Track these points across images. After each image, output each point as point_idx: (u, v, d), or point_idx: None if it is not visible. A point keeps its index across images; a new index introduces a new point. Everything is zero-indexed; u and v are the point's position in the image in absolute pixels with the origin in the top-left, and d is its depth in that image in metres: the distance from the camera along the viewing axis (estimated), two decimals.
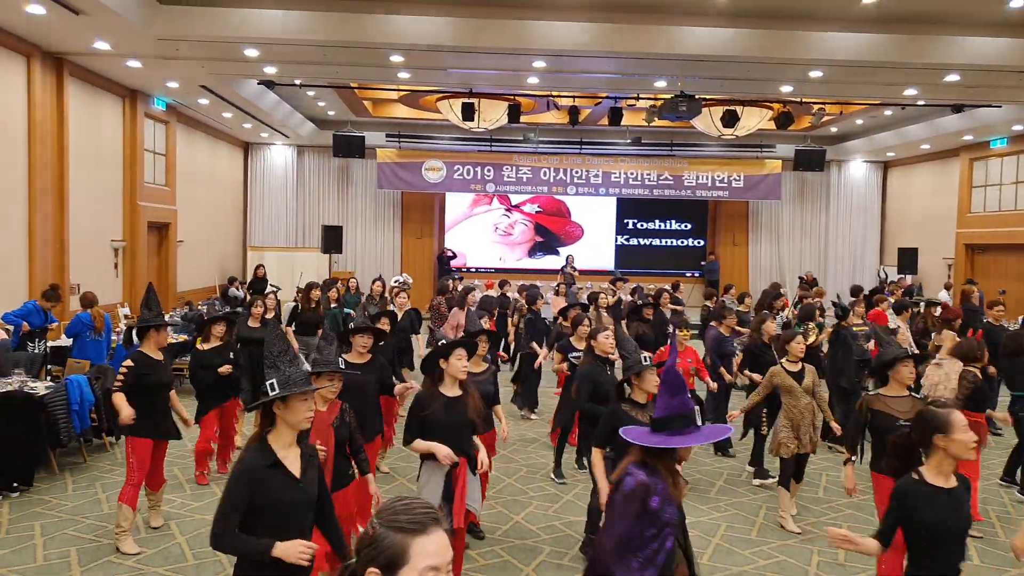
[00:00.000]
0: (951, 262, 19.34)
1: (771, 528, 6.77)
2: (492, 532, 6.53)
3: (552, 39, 11.20)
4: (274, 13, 10.76)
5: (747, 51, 11.41)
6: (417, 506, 1.85)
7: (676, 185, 21.74)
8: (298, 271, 18.82)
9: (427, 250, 22.50)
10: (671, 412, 3.44)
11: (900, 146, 19.84)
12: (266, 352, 3.46)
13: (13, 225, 11.26)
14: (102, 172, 13.76)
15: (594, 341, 6.81)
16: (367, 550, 1.82)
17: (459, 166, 21.42)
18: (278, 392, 3.30)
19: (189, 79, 13.78)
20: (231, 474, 3.34)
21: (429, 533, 1.81)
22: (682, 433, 3.41)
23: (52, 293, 10.08)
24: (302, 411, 3.36)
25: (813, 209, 22.97)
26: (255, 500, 3.25)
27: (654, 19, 11.17)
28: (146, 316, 6.30)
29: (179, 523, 6.62)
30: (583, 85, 14.75)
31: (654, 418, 3.50)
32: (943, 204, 19.91)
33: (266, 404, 3.38)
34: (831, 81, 13.20)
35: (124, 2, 9.74)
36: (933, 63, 11.72)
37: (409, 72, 13.32)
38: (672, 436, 3.40)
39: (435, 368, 5.00)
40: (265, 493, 3.26)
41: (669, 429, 3.43)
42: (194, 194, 17.83)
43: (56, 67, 12.08)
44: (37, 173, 11.61)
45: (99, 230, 13.67)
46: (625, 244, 23.32)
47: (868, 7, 10.59)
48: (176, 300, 16.24)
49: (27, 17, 10.05)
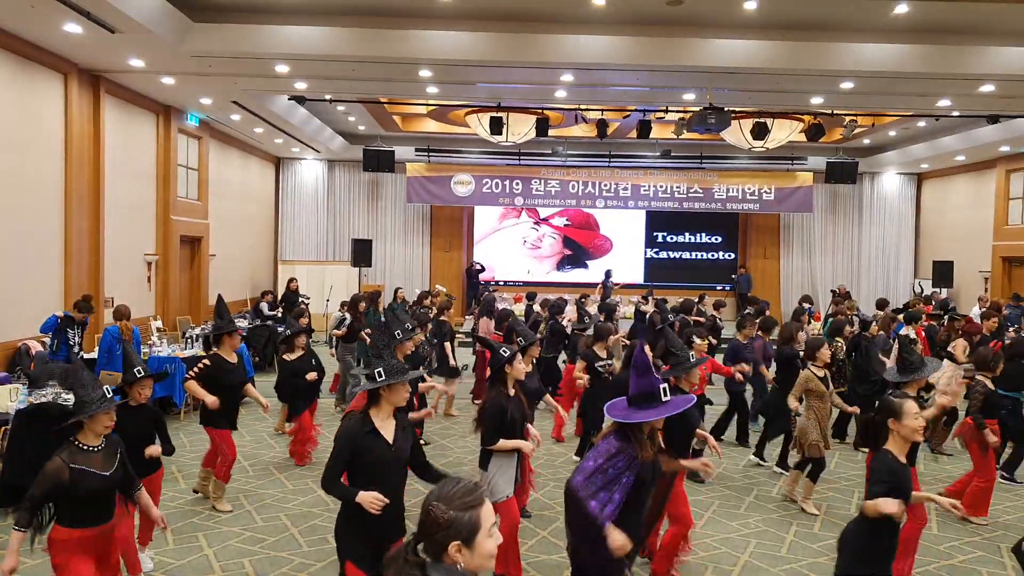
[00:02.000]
0: (987, 275, 19.01)
1: (801, 546, 6.68)
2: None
3: (580, 52, 11.20)
4: (304, 29, 10.89)
5: (777, 63, 11.33)
6: (469, 486, 2.33)
7: (706, 198, 21.62)
8: (328, 284, 18.96)
9: (456, 263, 22.56)
10: (641, 390, 4.08)
11: (934, 157, 19.57)
12: (373, 345, 4.38)
13: (49, 239, 11.46)
14: (136, 187, 13.98)
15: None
16: (443, 532, 2.26)
17: (488, 180, 21.48)
18: (385, 379, 4.12)
19: (221, 95, 13.97)
20: (337, 436, 4.19)
21: (486, 502, 2.33)
22: (648, 408, 4.03)
23: (84, 304, 10.24)
24: (402, 393, 4.22)
25: (845, 222, 22.72)
26: (355, 458, 4.10)
27: (682, 32, 11.14)
28: (219, 324, 7.24)
29: (206, 535, 6.66)
30: (612, 98, 14.73)
31: (628, 396, 4.12)
32: (979, 216, 19.60)
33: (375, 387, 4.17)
34: (863, 92, 13.07)
35: (158, 20, 9.91)
36: (967, 73, 11.56)
37: (438, 87, 13.40)
38: (640, 411, 4.03)
39: (501, 373, 5.56)
40: (362, 453, 4.09)
41: (638, 405, 4.06)
42: (226, 208, 18.05)
43: (92, 84, 12.31)
44: (73, 188, 11.82)
45: (133, 244, 13.87)
46: (655, 257, 23.21)
47: (899, 17, 10.48)
48: (208, 314, 16.40)
49: (64, 36, 10.26)
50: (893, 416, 4.23)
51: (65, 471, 4.15)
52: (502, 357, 5.54)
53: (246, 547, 6.40)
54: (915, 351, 5.97)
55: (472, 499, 2.30)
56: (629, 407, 4.08)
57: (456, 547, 2.26)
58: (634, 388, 4.09)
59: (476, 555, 2.29)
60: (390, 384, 4.15)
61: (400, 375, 4.17)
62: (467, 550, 2.28)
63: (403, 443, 4.24)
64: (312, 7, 10.72)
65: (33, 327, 10.58)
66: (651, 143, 19.30)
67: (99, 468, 4.29)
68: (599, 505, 3.89)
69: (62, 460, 4.18)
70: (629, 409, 4.06)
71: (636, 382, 4.08)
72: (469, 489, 2.32)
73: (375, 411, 4.20)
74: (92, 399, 4.25)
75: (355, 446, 4.09)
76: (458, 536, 2.26)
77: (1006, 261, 18.62)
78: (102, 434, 4.37)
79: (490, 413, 5.37)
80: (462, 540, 2.26)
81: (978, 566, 6.31)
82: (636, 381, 4.08)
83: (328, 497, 7.69)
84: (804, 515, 7.46)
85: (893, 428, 4.23)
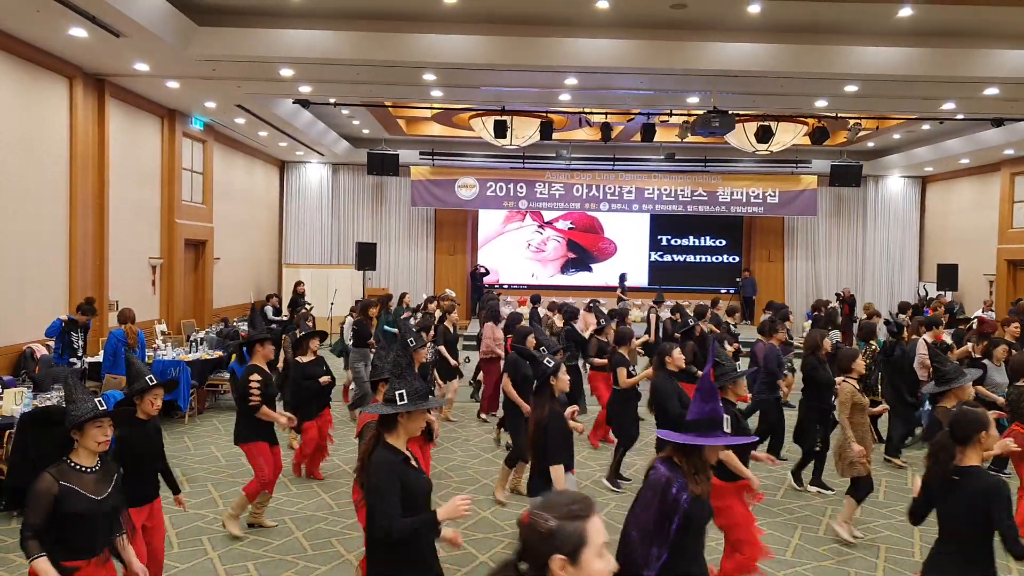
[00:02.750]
0: (992, 278, 18.97)
1: (806, 549, 6.65)
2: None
3: (584, 56, 11.21)
4: (308, 33, 10.91)
5: (781, 66, 11.33)
6: (577, 497, 2.10)
7: (710, 201, 21.62)
8: (332, 288, 18.98)
9: (460, 267, 22.57)
10: (701, 416, 3.71)
11: (939, 161, 19.54)
12: (395, 365, 3.86)
13: (54, 242, 11.49)
14: (141, 190, 14.01)
15: (668, 358, 7.11)
16: (545, 543, 2.01)
17: (492, 183, 21.50)
18: (407, 404, 3.67)
19: (226, 99, 14.01)
20: (378, 472, 3.60)
21: (595, 516, 2.07)
22: (708, 436, 3.67)
23: (87, 307, 10.27)
24: (420, 422, 3.76)
25: (850, 225, 22.70)
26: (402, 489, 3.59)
27: (686, 35, 11.14)
28: (252, 334, 7.16)
29: (211, 538, 6.66)
30: (615, 101, 14.74)
31: (686, 420, 3.76)
32: (984, 219, 19.56)
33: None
34: (867, 95, 13.06)
35: (163, 24, 9.94)
36: (971, 76, 11.54)
37: (442, 90, 13.41)
38: (699, 437, 3.67)
39: (547, 386, 5.31)
40: (407, 484, 3.60)
41: (697, 431, 3.69)
42: (230, 212, 18.08)
43: (97, 88, 12.34)
44: (78, 191, 11.85)
45: (137, 247, 13.90)
46: (659, 261, 23.20)
47: (903, 20, 10.46)
48: (212, 317, 16.43)
49: (69, 40, 10.29)
50: (983, 428, 3.91)
51: (55, 486, 3.73)
52: (547, 368, 5.32)
53: (250, 551, 6.40)
54: (948, 359, 5.74)
55: (579, 508, 2.05)
56: (688, 433, 3.71)
57: (560, 563, 2.00)
58: (696, 413, 3.73)
59: (582, 574, 2.01)
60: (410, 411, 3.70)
61: (422, 401, 3.71)
62: (572, 567, 2.00)
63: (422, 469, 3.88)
64: (316, 11, 10.74)
65: (38, 330, 10.60)
66: (655, 146, 19.28)
67: (90, 491, 3.83)
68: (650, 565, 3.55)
69: (51, 476, 3.77)
70: (688, 435, 3.70)
71: (700, 407, 3.72)
72: (577, 499, 2.08)
73: (394, 437, 3.72)
74: (82, 410, 3.85)
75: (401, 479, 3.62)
76: (561, 549, 2.00)
77: (1011, 264, 18.57)
78: (96, 452, 3.92)
79: (556, 427, 5.13)
80: (566, 554, 2.00)
81: None
82: (700, 407, 3.73)
83: (332, 501, 7.71)
84: (809, 520, 7.40)
85: (983, 441, 3.92)
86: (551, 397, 5.28)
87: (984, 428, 3.91)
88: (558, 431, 5.12)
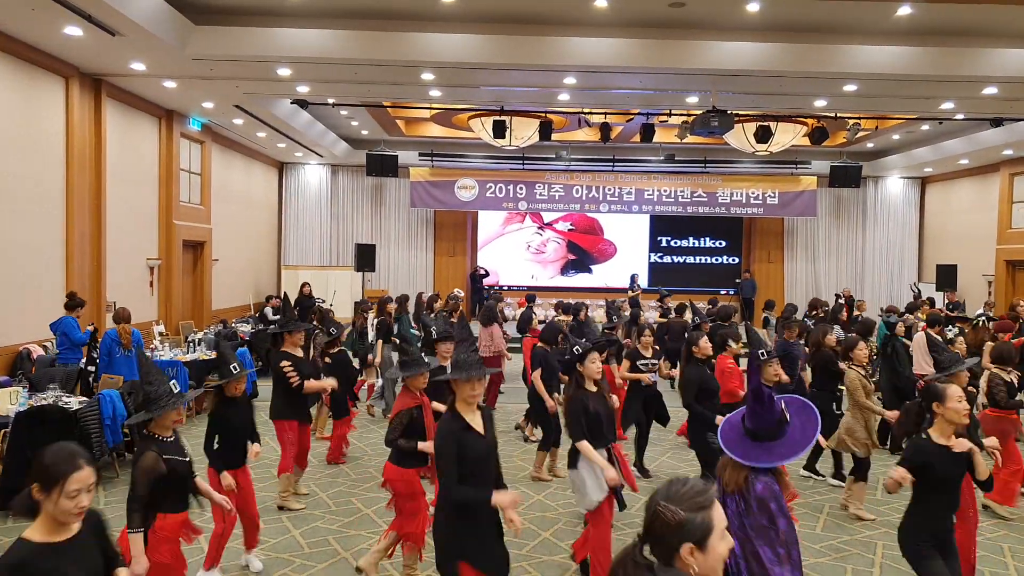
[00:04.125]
0: (991, 279, 18.94)
1: (804, 546, 6.62)
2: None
3: (583, 55, 11.19)
4: (306, 32, 10.88)
5: (780, 65, 11.31)
6: (700, 486, 2.24)
7: (710, 202, 21.60)
8: (331, 289, 18.93)
9: (460, 268, 22.54)
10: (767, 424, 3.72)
11: (938, 161, 19.52)
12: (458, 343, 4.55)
13: (51, 243, 11.46)
14: (138, 191, 13.98)
15: (696, 347, 7.37)
16: (675, 534, 2.17)
17: (491, 184, 21.48)
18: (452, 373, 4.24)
19: (224, 99, 13.98)
20: (438, 438, 4.14)
21: (716, 504, 2.23)
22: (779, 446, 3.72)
23: (70, 302, 10.14)
24: (465, 390, 4.19)
25: (849, 226, 22.68)
26: (459, 454, 4.05)
27: (685, 34, 11.12)
28: (281, 321, 7.74)
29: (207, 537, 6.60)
30: (615, 101, 14.72)
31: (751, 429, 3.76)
32: (983, 220, 19.54)
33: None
34: (866, 95, 13.04)
35: (159, 23, 9.91)
36: (970, 76, 11.52)
37: (441, 90, 13.39)
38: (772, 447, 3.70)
39: (574, 372, 5.64)
40: (464, 449, 4.06)
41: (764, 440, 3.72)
42: (229, 213, 18.05)
43: (94, 88, 12.32)
44: (75, 192, 11.82)
45: (135, 248, 13.87)
46: (659, 262, 23.18)
47: (902, 19, 10.44)
48: (211, 318, 16.39)
49: (65, 39, 10.26)
50: (937, 400, 4.37)
51: (160, 462, 4.30)
52: (574, 355, 5.59)
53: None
54: (947, 349, 6.06)
55: (704, 499, 2.22)
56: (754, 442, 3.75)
57: (689, 549, 2.18)
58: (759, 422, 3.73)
59: (709, 558, 2.20)
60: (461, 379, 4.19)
61: (465, 371, 4.20)
62: (699, 553, 2.19)
63: (492, 433, 4.31)
64: (314, 10, 10.72)
65: (34, 331, 10.57)
66: (655, 147, 19.28)
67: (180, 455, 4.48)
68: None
69: (155, 453, 4.32)
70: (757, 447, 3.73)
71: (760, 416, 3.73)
72: (700, 490, 2.24)
73: (461, 406, 4.23)
74: (160, 394, 4.38)
75: (459, 443, 4.08)
76: (691, 538, 2.18)
77: (1010, 265, 18.56)
78: (170, 429, 4.50)
79: (572, 409, 5.48)
80: (694, 542, 2.18)
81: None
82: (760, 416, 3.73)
83: (329, 499, 7.68)
84: (808, 516, 7.40)
85: (938, 412, 4.38)
86: (578, 382, 5.59)
87: (937, 399, 4.39)
88: (577, 412, 5.42)
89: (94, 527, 3.17)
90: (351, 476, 8.54)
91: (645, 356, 8.66)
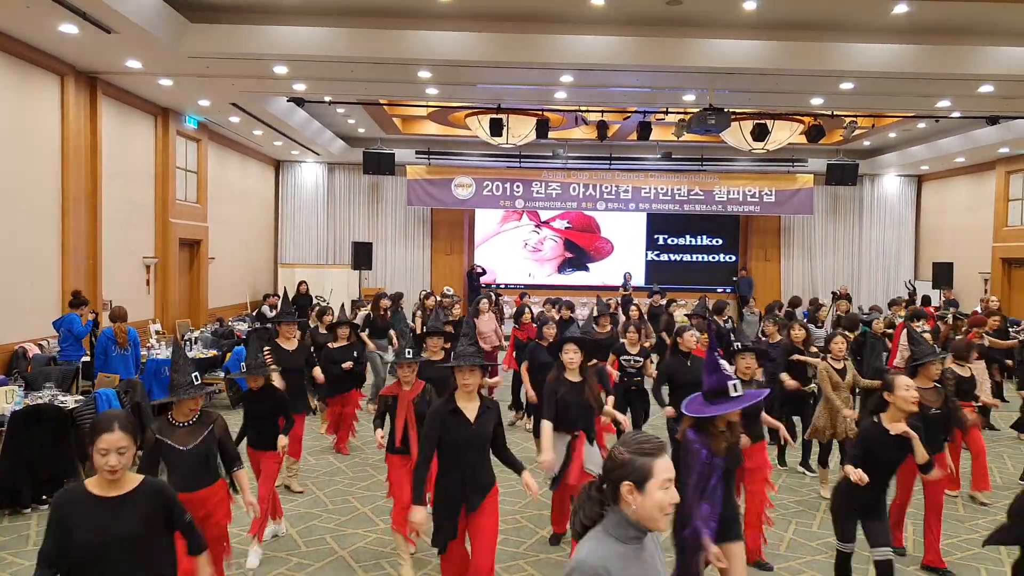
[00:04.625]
0: (987, 276, 18.97)
1: (800, 543, 6.63)
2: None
3: (579, 53, 11.17)
4: (303, 30, 10.86)
5: (777, 63, 11.30)
6: (651, 438, 2.48)
7: (707, 200, 21.58)
8: (328, 288, 18.92)
9: (457, 266, 22.51)
10: (711, 386, 4.33)
11: (934, 159, 19.52)
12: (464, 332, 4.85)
13: (47, 241, 11.42)
14: (134, 189, 13.94)
15: (680, 339, 7.51)
16: (619, 471, 2.42)
17: (488, 182, 21.45)
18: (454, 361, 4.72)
19: (220, 97, 13.94)
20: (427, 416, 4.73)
21: (662, 456, 2.43)
22: (718, 403, 4.27)
23: (74, 300, 10.23)
24: (459, 379, 4.65)
25: (846, 224, 22.69)
26: (440, 435, 4.58)
27: (682, 32, 11.10)
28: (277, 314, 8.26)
29: None
30: (611, 99, 14.71)
31: (703, 391, 4.39)
32: (979, 218, 19.55)
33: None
34: (863, 93, 13.04)
35: (155, 21, 9.88)
36: (966, 74, 11.52)
37: (437, 88, 13.36)
38: (711, 406, 4.28)
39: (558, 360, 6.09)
40: (444, 429, 4.59)
41: (711, 400, 4.31)
42: (225, 211, 18.01)
43: (89, 86, 12.28)
44: (70, 190, 11.77)
45: (131, 247, 13.83)
46: (656, 260, 23.14)
47: (899, 17, 10.45)
48: (207, 317, 16.37)
49: (60, 37, 10.22)
50: (887, 389, 4.87)
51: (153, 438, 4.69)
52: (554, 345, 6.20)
53: (244, 547, 6.34)
54: (924, 340, 6.43)
55: (649, 447, 2.43)
56: (704, 403, 4.34)
57: (628, 487, 2.39)
58: (706, 384, 4.36)
59: (647, 501, 2.39)
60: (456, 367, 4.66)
61: (458, 360, 4.67)
62: (639, 494, 2.39)
63: (485, 423, 4.65)
64: (310, 7, 10.69)
65: (30, 330, 10.55)
66: (651, 145, 19.26)
67: (178, 442, 4.71)
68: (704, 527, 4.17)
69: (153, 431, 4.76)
70: (704, 404, 4.33)
71: (707, 379, 4.35)
72: (648, 439, 2.46)
73: (459, 393, 4.66)
74: (179, 384, 4.72)
75: (440, 423, 4.58)
76: (630, 477, 2.39)
77: (1006, 263, 18.58)
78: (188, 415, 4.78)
79: (546, 390, 6.01)
80: (634, 482, 2.39)
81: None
82: (707, 378, 4.35)
83: (326, 498, 7.69)
84: (804, 513, 7.43)
85: (888, 400, 4.86)
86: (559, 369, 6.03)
87: (888, 389, 4.87)
88: (549, 394, 5.92)
89: (153, 496, 3.32)
90: (348, 474, 8.55)
91: (630, 353, 8.60)
